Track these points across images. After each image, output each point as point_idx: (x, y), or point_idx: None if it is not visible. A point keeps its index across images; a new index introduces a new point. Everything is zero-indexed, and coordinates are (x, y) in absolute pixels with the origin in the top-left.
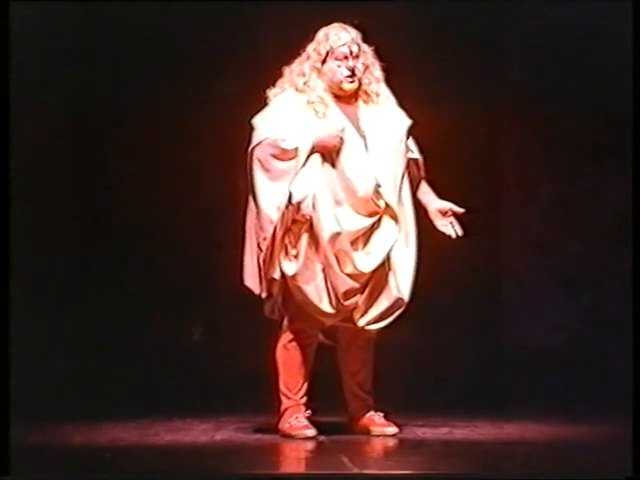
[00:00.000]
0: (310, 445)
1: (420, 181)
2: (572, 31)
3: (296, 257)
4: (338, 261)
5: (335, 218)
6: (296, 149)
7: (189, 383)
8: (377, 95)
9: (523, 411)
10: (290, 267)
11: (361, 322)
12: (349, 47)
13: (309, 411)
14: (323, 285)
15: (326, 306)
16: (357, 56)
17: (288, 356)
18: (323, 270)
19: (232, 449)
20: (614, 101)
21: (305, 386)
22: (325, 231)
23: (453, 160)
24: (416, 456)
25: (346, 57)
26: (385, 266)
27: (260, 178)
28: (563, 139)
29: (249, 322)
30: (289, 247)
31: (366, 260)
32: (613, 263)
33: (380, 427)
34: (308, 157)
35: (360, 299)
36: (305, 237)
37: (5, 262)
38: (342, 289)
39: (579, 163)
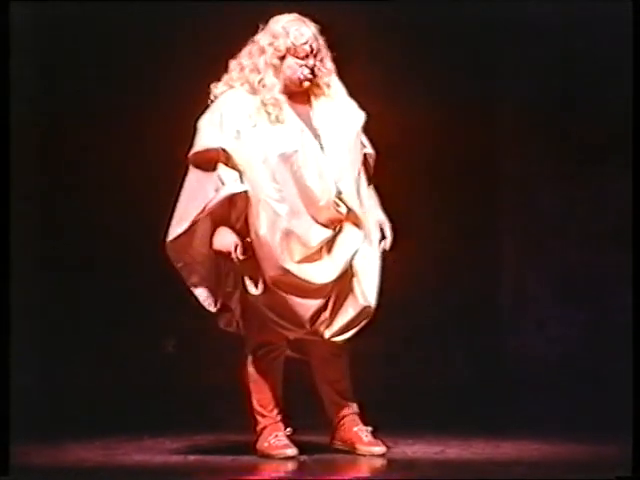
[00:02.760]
0: (291, 465)
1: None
2: (572, 31)
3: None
4: (295, 290)
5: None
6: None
7: (160, 399)
8: (328, 87)
9: (520, 428)
10: (252, 289)
11: (327, 334)
12: (311, 45)
13: (289, 429)
14: (287, 310)
15: (290, 325)
16: (317, 53)
17: (256, 372)
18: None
19: (206, 469)
20: (614, 102)
21: (279, 402)
22: (268, 273)
23: (451, 162)
24: (405, 476)
25: (307, 55)
26: (348, 273)
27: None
28: (563, 141)
29: (223, 334)
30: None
31: (328, 269)
32: (615, 269)
33: (367, 446)
34: None
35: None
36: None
37: None
38: (306, 316)
39: (579, 166)
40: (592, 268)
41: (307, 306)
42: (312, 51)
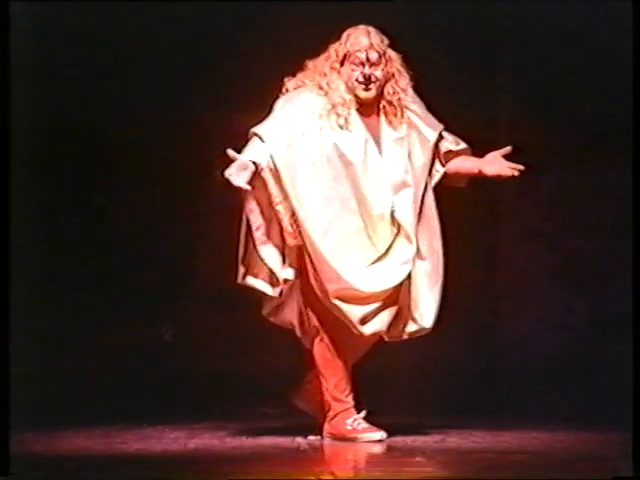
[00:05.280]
0: (289, 452)
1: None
2: (572, 31)
3: None
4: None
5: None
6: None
7: (160, 388)
8: (400, 108)
9: (521, 417)
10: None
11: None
12: (366, 53)
13: (364, 412)
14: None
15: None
16: (375, 64)
17: (324, 356)
18: None
19: (206, 458)
20: (614, 91)
21: (351, 386)
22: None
23: None
24: (406, 466)
25: (362, 63)
26: (405, 286)
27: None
28: (563, 128)
29: (224, 323)
30: None
31: (377, 280)
32: (615, 258)
33: (363, 433)
34: None
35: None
36: None
37: None
38: (354, 320)
39: (580, 153)
40: (592, 256)
41: (354, 312)
42: (368, 60)
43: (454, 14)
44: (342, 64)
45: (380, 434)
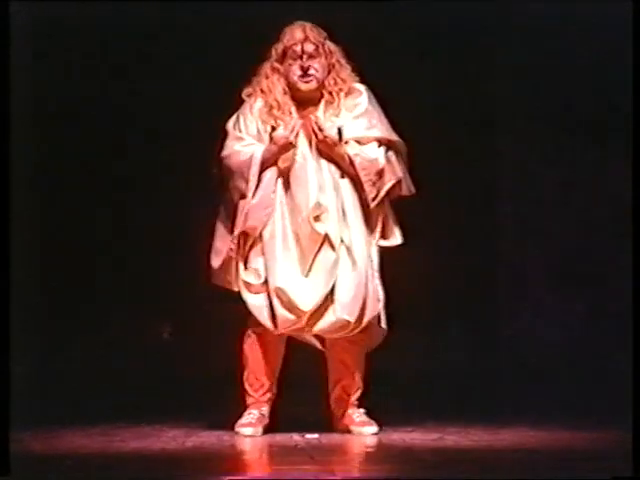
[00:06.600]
0: (287, 449)
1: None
2: (572, 31)
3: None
4: (279, 298)
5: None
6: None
7: (158, 386)
8: (339, 99)
9: (519, 415)
10: (247, 277)
11: (313, 330)
12: (302, 45)
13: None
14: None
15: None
16: (313, 56)
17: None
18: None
19: (204, 456)
20: (614, 87)
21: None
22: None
23: (450, 147)
24: (402, 464)
25: (300, 56)
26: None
27: None
28: (562, 126)
29: (221, 321)
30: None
31: (308, 296)
32: (615, 258)
33: (358, 426)
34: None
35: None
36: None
37: None
38: (281, 327)
39: (578, 151)
40: (591, 253)
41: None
42: (304, 52)
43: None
44: (282, 62)
45: (374, 429)
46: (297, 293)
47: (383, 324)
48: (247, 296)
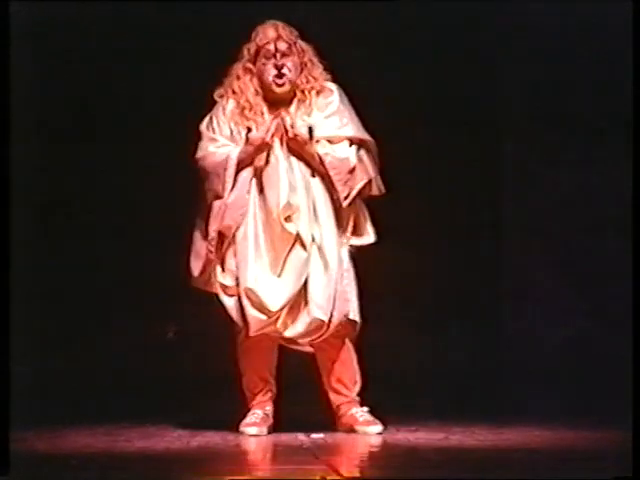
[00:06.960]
0: (292, 448)
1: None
2: (572, 31)
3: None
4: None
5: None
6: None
7: (163, 386)
8: (310, 98)
9: (523, 415)
10: (224, 279)
11: (287, 334)
12: (275, 44)
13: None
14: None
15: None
16: (286, 54)
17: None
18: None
19: (209, 456)
20: (615, 88)
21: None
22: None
23: (451, 147)
24: (407, 463)
25: (273, 55)
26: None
27: None
28: (564, 126)
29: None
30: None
31: (278, 295)
32: (616, 258)
33: (362, 426)
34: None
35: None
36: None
37: None
38: (253, 328)
39: (580, 151)
40: (593, 255)
41: (256, 318)
42: (277, 50)
43: (453, 13)
44: (255, 61)
45: (379, 428)
46: (267, 293)
47: (356, 317)
48: (224, 299)
